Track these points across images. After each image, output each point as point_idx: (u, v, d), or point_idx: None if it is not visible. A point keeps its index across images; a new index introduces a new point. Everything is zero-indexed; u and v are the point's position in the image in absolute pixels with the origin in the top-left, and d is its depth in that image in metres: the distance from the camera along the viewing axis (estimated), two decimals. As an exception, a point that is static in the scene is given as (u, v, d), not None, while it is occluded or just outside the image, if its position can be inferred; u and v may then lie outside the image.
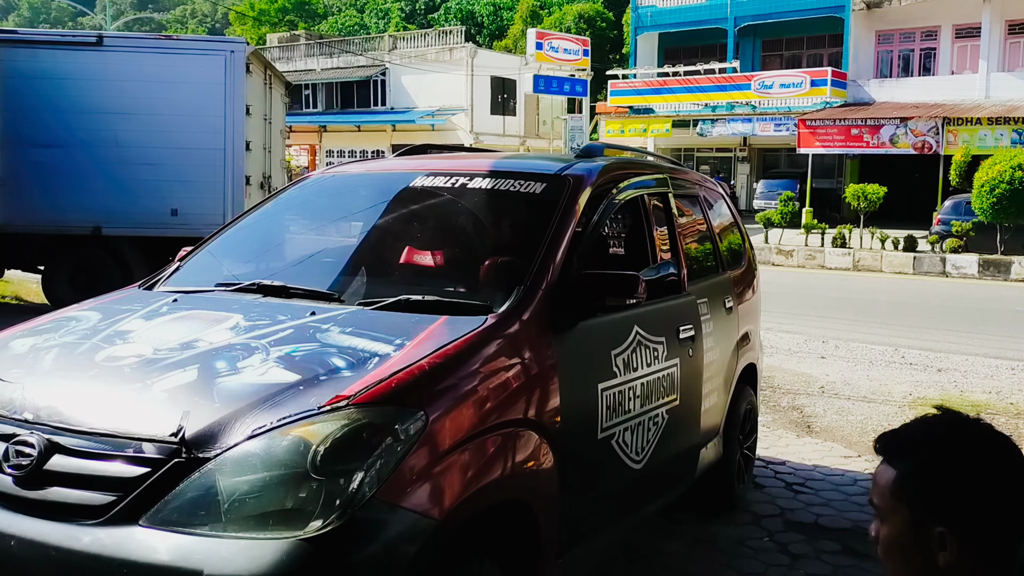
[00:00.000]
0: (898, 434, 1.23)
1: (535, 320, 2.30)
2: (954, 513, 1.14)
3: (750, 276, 4.42)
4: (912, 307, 11.97)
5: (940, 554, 1.14)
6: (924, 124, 21.12)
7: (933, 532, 1.14)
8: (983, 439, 1.18)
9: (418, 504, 1.76)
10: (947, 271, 16.03)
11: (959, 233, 16.48)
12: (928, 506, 1.16)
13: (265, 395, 1.82)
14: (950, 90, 22.64)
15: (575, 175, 2.82)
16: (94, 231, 8.95)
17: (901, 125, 21.47)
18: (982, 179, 16.05)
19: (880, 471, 1.22)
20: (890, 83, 24.27)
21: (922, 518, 1.16)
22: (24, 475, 1.77)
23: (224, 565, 1.56)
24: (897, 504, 1.18)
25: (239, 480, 1.67)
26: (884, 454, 1.22)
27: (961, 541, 1.13)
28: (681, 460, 3.23)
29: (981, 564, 1.14)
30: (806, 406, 6.17)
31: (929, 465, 1.17)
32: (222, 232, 3.06)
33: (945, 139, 20.78)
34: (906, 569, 1.19)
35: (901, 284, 14.77)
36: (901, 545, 1.18)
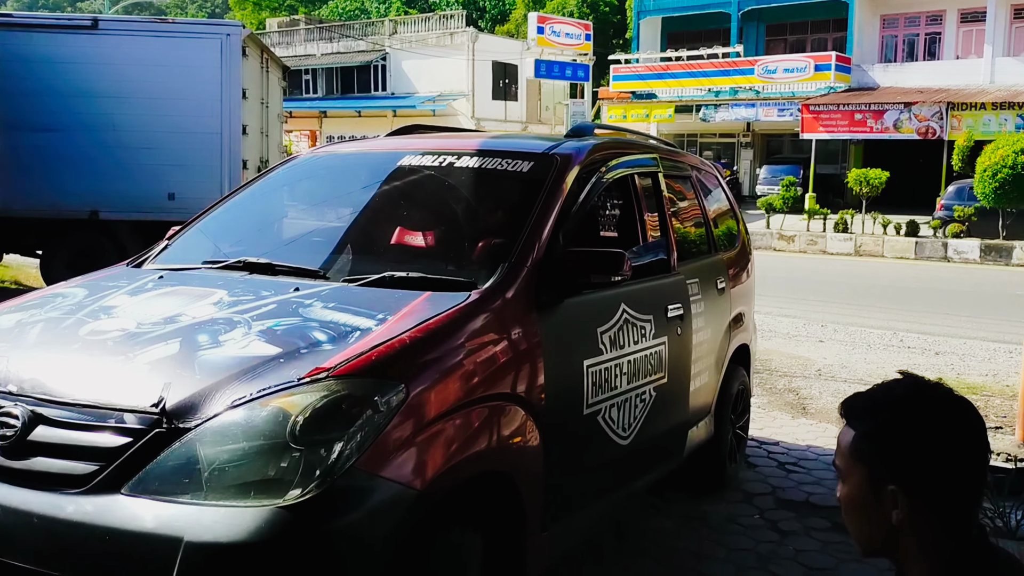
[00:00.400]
0: (860, 397, 1.26)
1: (519, 296, 2.32)
2: (905, 471, 1.17)
3: (744, 258, 4.43)
4: (912, 291, 11.97)
5: (893, 512, 1.17)
6: (928, 109, 21.01)
7: (886, 490, 1.17)
8: (940, 401, 1.21)
9: (398, 474, 1.79)
10: (949, 256, 16.01)
11: (961, 218, 16.44)
12: (882, 464, 1.19)
13: (246, 367, 1.85)
14: (954, 75, 22.50)
15: (563, 154, 2.83)
16: (91, 215, 8.96)
17: (905, 110, 21.36)
18: (984, 164, 15.99)
19: (842, 433, 1.26)
20: (894, 68, 24.12)
21: (877, 477, 1.19)
22: (8, 445, 1.80)
23: (204, 532, 1.59)
24: (855, 464, 1.21)
25: (219, 449, 1.69)
26: (846, 417, 1.25)
27: (912, 499, 1.16)
28: (669, 437, 3.26)
29: (932, 523, 1.17)
30: (802, 388, 6.19)
31: (885, 425, 1.20)
32: (211, 211, 3.09)
33: (949, 124, 20.67)
34: (863, 527, 1.23)
35: (902, 269, 14.76)
36: (859, 504, 1.22)
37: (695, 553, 3.33)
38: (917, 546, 1.19)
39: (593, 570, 3.16)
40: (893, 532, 1.19)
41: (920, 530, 1.18)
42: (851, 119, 22.15)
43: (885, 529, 1.20)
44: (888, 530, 1.19)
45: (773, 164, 25.03)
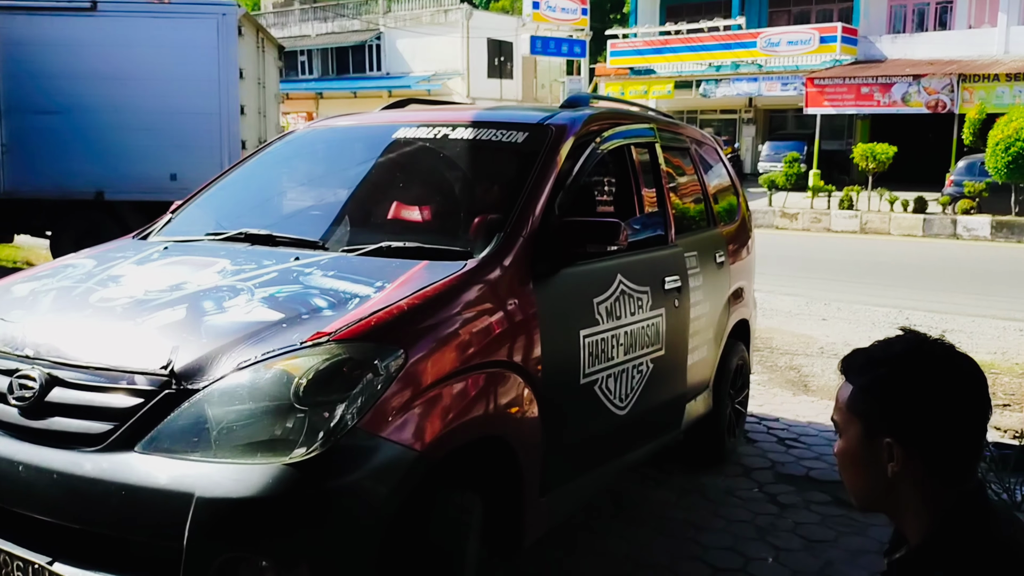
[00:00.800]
0: (859, 353, 1.31)
1: (515, 266, 2.43)
2: (900, 424, 1.22)
3: (744, 233, 4.54)
4: (919, 269, 12.09)
5: (888, 465, 1.22)
6: (938, 81, 21.03)
7: (882, 443, 1.23)
8: (938, 356, 1.25)
9: (399, 436, 1.90)
10: (958, 233, 16.12)
11: (972, 194, 16.52)
12: (878, 417, 1.23)
13: (250, 332, 1.96)
14: (967, 45, 22.43)
15: (558, 124, 2.93)
16: (97, 196, 9.38)
17: (914, 83, 21.39)
18: (997, 137, 16.04)
19: (840, 389, 1.31)
20: (903, 39, 24.09)
21: (873, 430, 1.24)
22: (28, 406, 1.93)
23: (214, 488, 1.71)
24: (852, 417, 1.27)
25: (226, 410, 1.81)
26: (845, 372, 1.31)
27: (907, 452, 1.21)
28: (667, 409, 3.38)
29: (928, 476, 1.22)
30: (804, 366, 6.32)
31: (882, 379, 1.24)
32: (212, 186, 3.23)
33: (960, 97, 20.67)
34: (860, 481, 1.28)
35: (909, 247, 14.88)
36: (855, 457, 1.27)
37: (693, 524, 3.46)
38: (913, 499, 1.23)
39: (590, 538, 3.29)
40: (889, 485, 1.24)
41: (916, 483, 1.22)
42: (857, 93, 22.19)
43: (881, 483, 1.24)
44: (884, 484, 1.24)
45: (776, 140, 25.09)
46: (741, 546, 3.26)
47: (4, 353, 2.08)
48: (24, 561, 1.86)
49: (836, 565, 3.12)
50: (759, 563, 3.12)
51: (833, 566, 3.11)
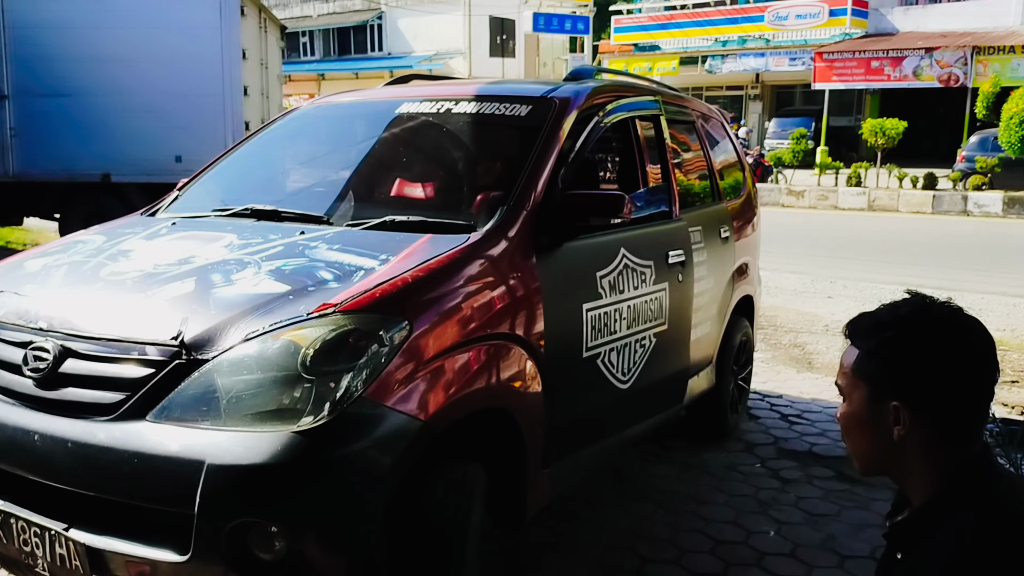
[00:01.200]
0: (865, 316, 1.32)
1: (518, 239, 2.47)
2: (908, 387, 1.23)
3: (750, 209, 4.57)
4: (928, 246, 12.09)
5: (895, 428, 1.24)
6: (951, 54, 20.88)
7: (888, 406, 1.24)
8: (946, 319, 1.25)
9: (404, 406, 1.96)
10: (969, 209, 16.09)
11: (984, 170, 16.46)
12: (885, 381, 1.25)
13: (257, 303, 2.02)
14: (982, 16, 22.18)
15: (561, 97, 2.96)
16: (103, 178, 9.57)
17: (926, 56, 21.25)
18: (1011, 111, 15.95)
19: (845, 353, 1.32)
20: (915, 11, 23.88)
21: (879, 393, 1.25)
22: (42, 377, 2.00)
23: (224, 455, 1.77)
24: (857, 381, 1.28)
25: (235, 379, 1.87)
26: (851, 336, 1.32)
27: (914, 415, 1.23)
28: (669, 384, 3.44)
29: (934, 439, 1.24)
30: (808, 344, 6.38)
31: (889, 342, 1.25)
32: (217, 163, 3.30)
33: (974, 70, 20.51)
34: (864, 444, 1.30)
35: (918, 223, 14.86)
36: (860, 421, 1.28)
37: (694, 498, 3.53)
38: (919, 462, 1.25)
39: (592, 511, 3.37)
40: (895, 449, 1.25)
41: (922, 446, 1.24)
42: (867, 67, 22.07)
43: (887, 446, 1.26)
44: (890, 447, 1.25)
45: (783, 117, 24.99)
46: (742, 520, 3.33)
47: (18, 326, 2.15)
48: (41, 527, 1.93)
49: (838, 539, 3.19)
50: (761, 536, 3.20)
51: (835, 540, 3.18)
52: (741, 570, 2.93)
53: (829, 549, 3.11)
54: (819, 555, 3.06)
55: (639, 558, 3.00)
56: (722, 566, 2.96)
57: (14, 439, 1.98)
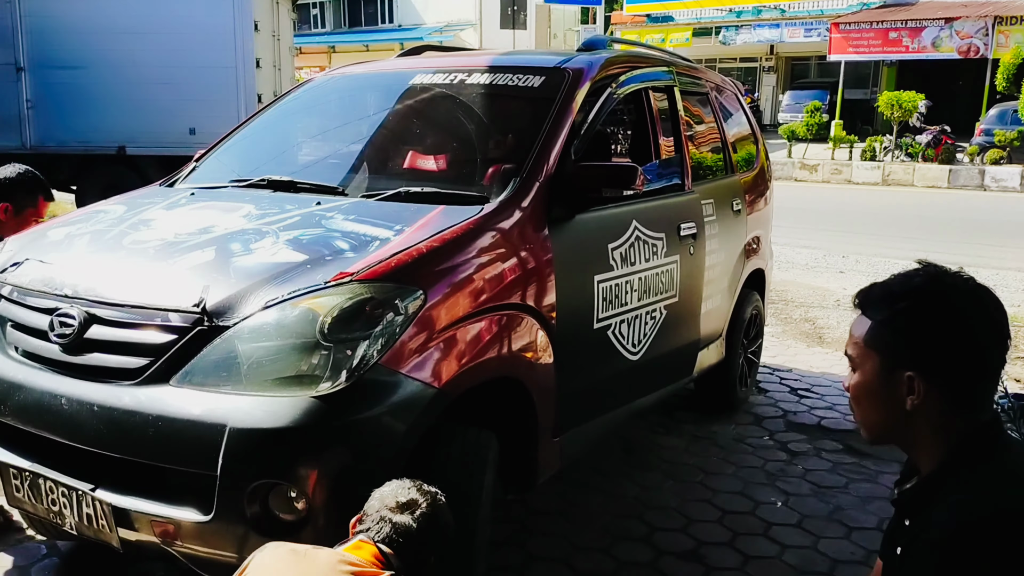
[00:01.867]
0: (876, 286, 1.32)
1: (531, 210, 2.51)
2: (924, 357, 1.24)
3: (763, 182, 4.58)
4: (943, 221, 12.03)
5: (908, 398, 1.25)
6: (972, 25, 20.55)
7: (902, 377, 1.25)
8: (959, 289, 1.26)
9: (418, 373, 2.02)
10: (985, 184, 15.97)
11: (1002, 143, 16.30)
12: (899, 351, 1.25)
13: (276, 272, 2.08)
14: (1003, -15, 21.86)
15: (574, 68, 2.98)
16: (119, 151, 9.80)
17: (946, 26, 20.92)
18: (1032, 83, 15.74)
19: (855, 323, 1.33)
20: (935, -20, 23.50)
21: (892, 364, 1.26)
22: (68, 343, 2.07)
23: (245, 419, 1.84)
24: (869, 352, 1.29)
25: (255, 346, 1.93)
26: (861, 306, 1.34)
27: (928, 385, 1.24)
28: (679, 356, 3.49)
29: (947, 408, 1.25)
30: (819, 318, 6.41)
31: (903, 312, 1.26)
32: (234, 135, 3.35)
33: (995, 41, 20.16)
34: (874, 414, 1.32)
35: (933, 198, 14.78)
36: (871, 391, 1.30)
37: (702, 469, 3.60)
38: (929, 431, 1.26)
39: (601, 480, 3.44)
40: (906, 418, 1.26)
41: (934, 415, 1.25)
42: (884, 38, 21.76)
43: (898, 415, 1.27)
44: (902, 416, 1.27)
45: (797, 89, 24.73)
46: (750, 491, 3.39)
47: (44, 292, 2.21)
48: (68, 488, 2.01)
49: (845, 510, 3.24)
50: (768, 507, 3.26)
51: (843, 511, 3.24)
52: (748, 539, 3.00)
53: (836, 520, 3.16)
54: (826, 526, 3.12)
55: (647, 526, 3.07)
56: (729, 535, 3.03)
57: (42, 403, 2.05)
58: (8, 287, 2.32)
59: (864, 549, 2.94)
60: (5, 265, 2.39)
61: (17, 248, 2.53)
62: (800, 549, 2.94)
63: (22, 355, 2.19)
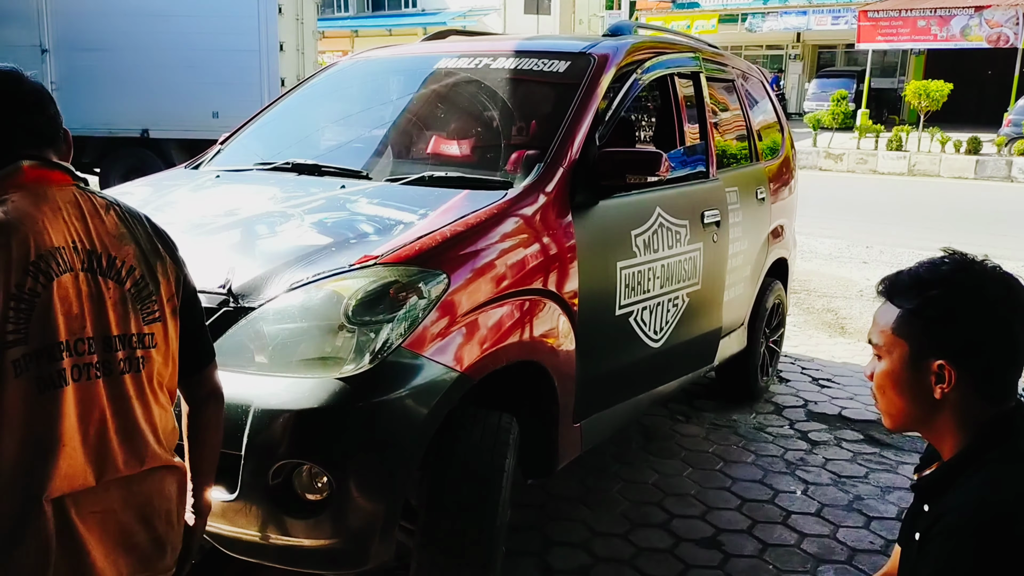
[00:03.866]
0: (904, 274, 1.29)
1: (554, 196, 2.49)
2: (954, 346, 1.22)
3: (787, 171, 4.52)
4: (969, 212, 11.84)
5: (937, 387, 1.23)
6: (1002, 14, 20.13)
7: (931, 365, 1.23)
8: (989, 276, 1.23)
9: (441, 356, 2.02)
10: (1013, 175, 15.67)
11: (1030, 134, 16.01)
12: (929, 339, 1.23)
13: (301, 255, 2.08)
14: (1035, -27, 21.36)
15: (600, 53, 2.95)
16: (143, 134, 9.81)
17: (975, 15, 20.52)
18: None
19: (881, 311, 1.31)
20: (966, -32, 23.03)
21: (921, 352, 1.24)
22: None
23: (271, 399, 1.85)
24: (897, 340, 1.26)
25: (280, 327, 1.94)
26: (887, 294, 1.30)
27: (959, 373, 1.22)
28: (701, 344, 3.46)
29: (973, 396, 1.23)
30: (842, 308, 6.34)
31: (933, 300, 1.23)
32: (259, 118, 3.35)
33: (1027, 29, 19.80)
34: (900, 402, 1.29)
35: (960, 189, 14.53)
36: (897, 380, 1.27)
37: (722, 457, 3.58)
38: (955, 419, 1.25)
39: (620, 467, 3.44)
40: (933, 406, 1.25)
41: (962, 403, 1.23)
42: (913, 26, 21.38)
43: (925, 404, 1.25)
44: (928, 405, 1.25)
45: (824, 77, 24.38)
46: (770, 479, 3.38)
47: None
48: None
49: (865, 500, 3.22)
50: (787, 495, 3.24)
51: (863, 501, 3.21)
52: (767, 527, 2.98)
53: (856, 510, 3.14)
54: (845, 515, 3.09)
55: (666, 513, 3.06)
56: (748, 523, 3.01)
57: None
58: None
59: (883, 538, 2.92)
60: None
61: None
62: (819, 538, 2.93)
63: None
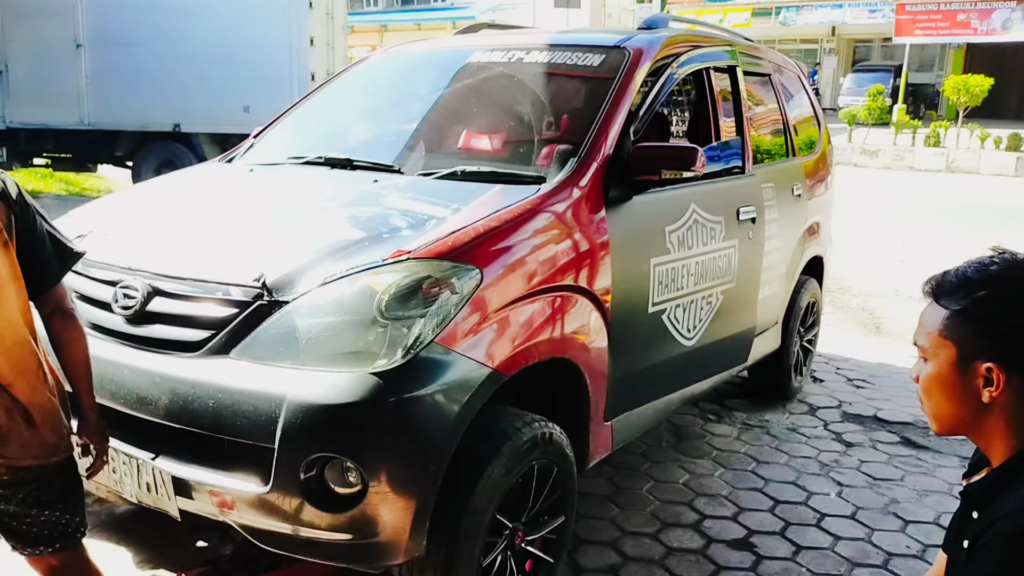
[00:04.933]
0: (951, 274, 1.26)
1: (588, 192, 2.47)
2: (1004, 348, 1.19)
3: (824, 166, 4.45)
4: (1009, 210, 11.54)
5: (986, 390, 1.21)
6: (1045, 7, 19.68)
7: (979, 368, 1.20)
8: None
9: (473, 352, 2.01)
10: (1056, 173, 15.29)
11: (1073, 132, 15.60)
12: (977, 342, 1.20)
13: (334, 249, 2.08)
14: (1082, -36, 20.79)
15: (635, 47, 2.91)
16: (175, 128, 9.92)
17: (1017, 8, 20.08)
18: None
19: (927, 312, 1.28)
20: (1008, -42, 22.48)
21: (969, 355, 1.21)
22: (131, 315, 2.10)
23: (303, 392, 1.85)
24: (944, 342, 1.23)
25: (313, 321, 1.94)
26: (934, 295, 1.27)
27: (1008, 377, 1.20)
28: (734, 343, 3.41)
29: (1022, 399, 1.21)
30: (877, 308, 6.23)
31: (981, 301, 1.20)
32: (291, 112, 3.37)
33: (1070, 23, 19.33)
34: (947, 406, 1.27)
35: (1000, 187, 14.20)
36: (945, 383, 1.25)
37: (754, 458, 3.53)
38: (1005, 422, 1.22)
39: (650, 466, 3.40)
40: (982, 410, 1.22)
41: (1011, 407, 1.21)
42: (953, 20, 20.94)
43: (973, 407, 1.23)
44: (976, 408, 1.23)
45: (859, 72, 23.96)
46: (803, 481, 3.33)
47: (107, 265, 2.25)
48: (129, 456, 2.05)
49: (901, 503, 3.16)
50: (821, 497, 3.19)
51: (898, 504, 3.15)
52: (800, 529, 2.94)
53: (891, 513, 3.09)
54: (881, 518, 3.04)
55: (696, 513, 3.03)
56: (781, 525, 2.97)
57: (105, 373, 2.09)
58: None
59: (920, 543, 2.87)
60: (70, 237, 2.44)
61: (82, 221, 2.58)
62: (853, 541, 2.88)
63: (87, 326, 2.23)
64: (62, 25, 10.00)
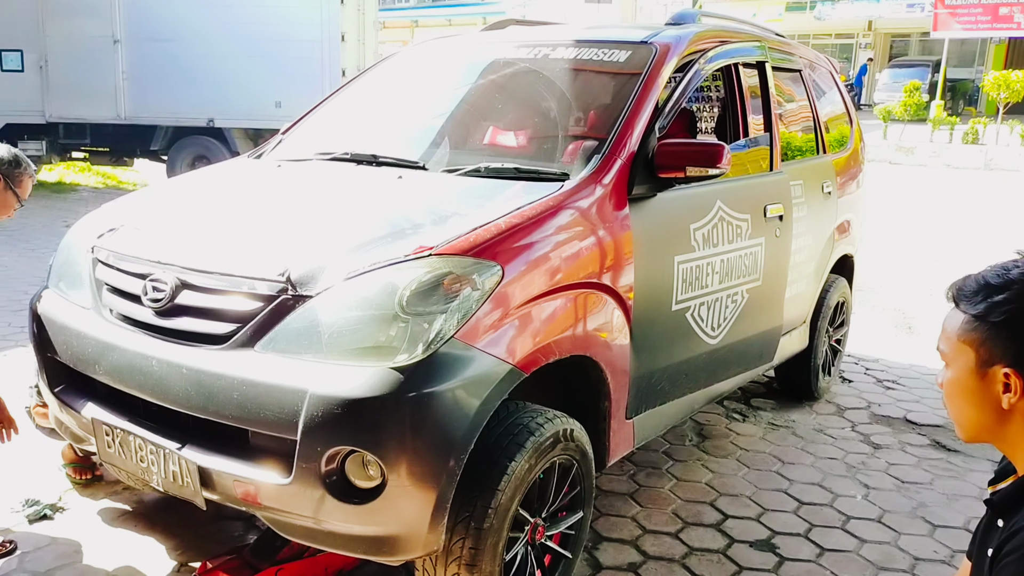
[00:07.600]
0: (971, 279, 1.25)
1: (612, 189, 2.46)
2: (1021, 354, 1.18)
3: (856, 163, 4.38)
4: (1049, 210, 11.30)
5: (1004, 396, 1.19)
6: (1091, 0, 19.12)
7: (998, 374, 1.19)
8: None
9: (493, 348, 2.01)
10: (1098, 173, 14.89)
11: (1118, 129, 15.17)
12: (995, 347, 1.19)
13: (357, 244, 2.10)
14: None
15: (662, 43, 2.89)
16: (208, 123, 10.15)
17: (1062, 2, 19.54)
18: None
19: (948, 317, 1.26)
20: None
21: (988, 360, 1.20)
22: (160, 307, 2.15)
23: (326, 385, 1.87)
24: (963, 347, 1.22)
25: (336, 316, 1.96)
26: (956, 299, 1.26)
27: None
28: (760, 342, 3.38)
29: None
30: (909, 308, 6.13)
31: (998, 306, 1.19)
32: (319, 108, 3.40)
33: (1116, 18, 18.76)
34: (969, 412, 1.25)
35: (1040, 186, 13.87)
36: (965, 388, 1.23)
37: (779, 458, 3.50)
38: None
39: (673, 465, 3.39)
40: (1003, 416, 1.21)
41: None
42: (995, 13, 20.42)
43: (994, 413, 1.21)
44: (997, 414, 1.21)
45: (896, 67, 23.51)
46: (829, 482, 3.29)
47: (137, 258, 2.30)
48: (156, 446, 2.09)
49: (930, 507, 3.11)
50: (847, 500, 3.15)
51: (927, 508, 3.10)
52: (825, 532, 2.91)
53: (919, 517, 3.04)
54: (908, 522, 2.99)
55: (719, 513, 3.00)
56: (805, 527, 2.94)
57: (134, 364, 2.14)
58: (105, 252, 2.41)
59: (948, 548, 2.82)
60: (102, 231, 2.49)
61: (113, 215, 2.63)
62: (879, 544, 2.84)
63: (117, 317, 2.28)
64: (100, 21, 10.20)
